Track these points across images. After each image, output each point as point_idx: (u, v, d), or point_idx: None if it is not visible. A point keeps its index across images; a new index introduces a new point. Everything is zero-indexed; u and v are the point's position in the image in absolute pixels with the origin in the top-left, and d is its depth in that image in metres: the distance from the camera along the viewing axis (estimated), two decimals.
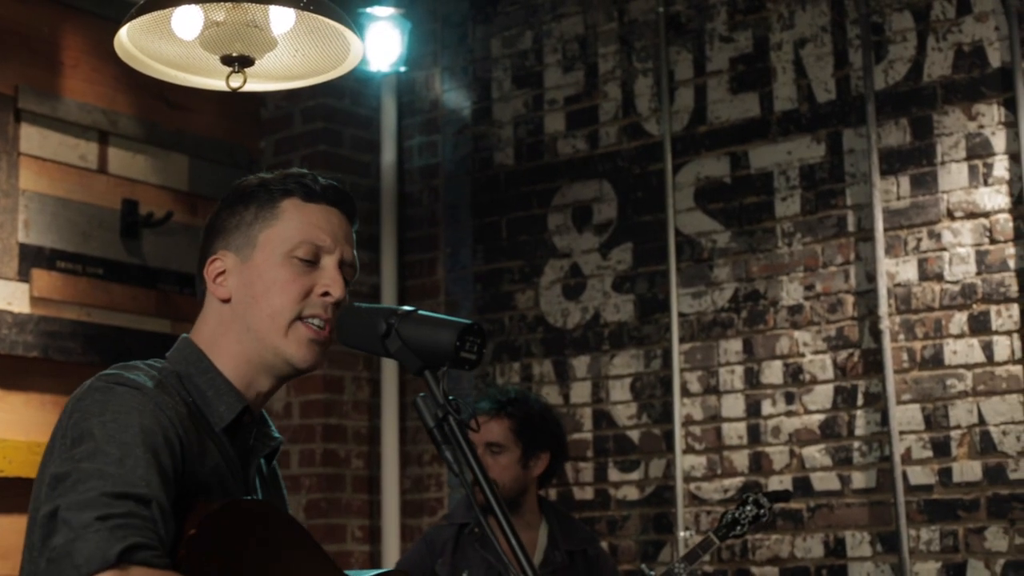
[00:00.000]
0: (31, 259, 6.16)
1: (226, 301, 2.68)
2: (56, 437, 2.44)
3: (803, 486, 6.03)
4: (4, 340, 5.95)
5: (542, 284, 6.85)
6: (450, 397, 2.49)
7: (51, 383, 6.16)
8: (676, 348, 6.38)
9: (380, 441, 7.07)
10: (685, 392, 6.37)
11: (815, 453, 6.03)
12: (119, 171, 6.59)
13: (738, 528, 5.14)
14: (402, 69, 6.93)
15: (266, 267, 2.66)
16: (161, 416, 2.44)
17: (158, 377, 2.53)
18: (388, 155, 7.27)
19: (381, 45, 6.79)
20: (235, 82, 3.91)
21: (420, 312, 2.56)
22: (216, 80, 4.04)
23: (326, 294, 2.66)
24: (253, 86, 4.01)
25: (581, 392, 6.67)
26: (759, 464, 6.15)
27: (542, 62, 7.04)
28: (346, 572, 2.70)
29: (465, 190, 7.20)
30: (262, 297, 2.64)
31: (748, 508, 5.15)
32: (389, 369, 7.06)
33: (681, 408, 6.35)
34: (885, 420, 5.83)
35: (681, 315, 6.42)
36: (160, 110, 6.78)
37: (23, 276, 6.13)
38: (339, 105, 7.26)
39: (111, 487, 2.27)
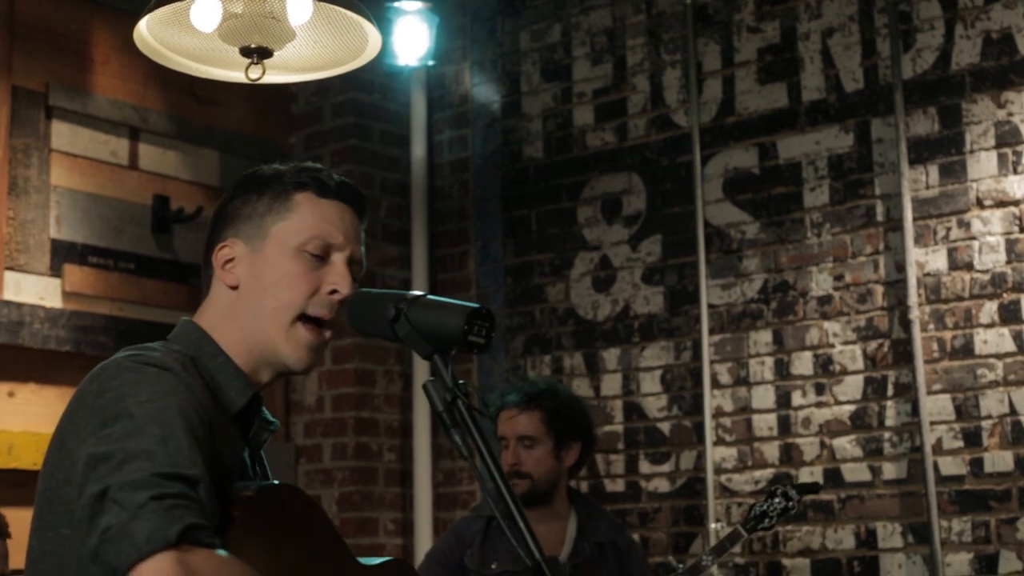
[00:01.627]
0: (63, 254, 6.21)
1: (234, 288, 2.68)
2: (78, 416, 2.42)
3: (834, 477, 6.01)
4: (37, 335, 5.99)
5: (572, 277, 6.85)
6: (460, 382, 2.49)
7: (83, 377, 6.18)
8: (706, 340, 6.37)
9: (412, 434, 7.09)
10: (715, 384, 6.36)
11: (846, 444, 6.01)
12: (150, 167, 6.63)
13: (766, 521, 5.12)
14: (430, 63, 6.95)
15: (277, 259, 2.66)
16: (192, 398, 2.43)
17: (180, 360, 2.52)
18: (418, 150, 7.28)
19: (409, 39, 6.80)
20: (254, 73, 3.93)
21: (428, 297, 2.56)
22: (236, 72, 4.06)
23: (334, 292, 2.66)
24: (272, 77, 4.03)
25: (611, 384, 6.67)
26: (789, 455, 6.14)
27: (570, 55, 7.04)
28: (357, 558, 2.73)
29: (495, 184, 7.21)
30: (271, 288, 2.64)
31: (776, 501, 5.13)
32: (421, 363, 7.06)
33: (711, 400, 6.34)
34: (916, 410, 5.80)
35: (711, 306, 6.41)
36: (190, 106, 6.81)
37: (55, 271, 6.17)
38: (369, 100, 7.28)
39: (160, 467, 2.25)
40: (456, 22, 7.35)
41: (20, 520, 4.72)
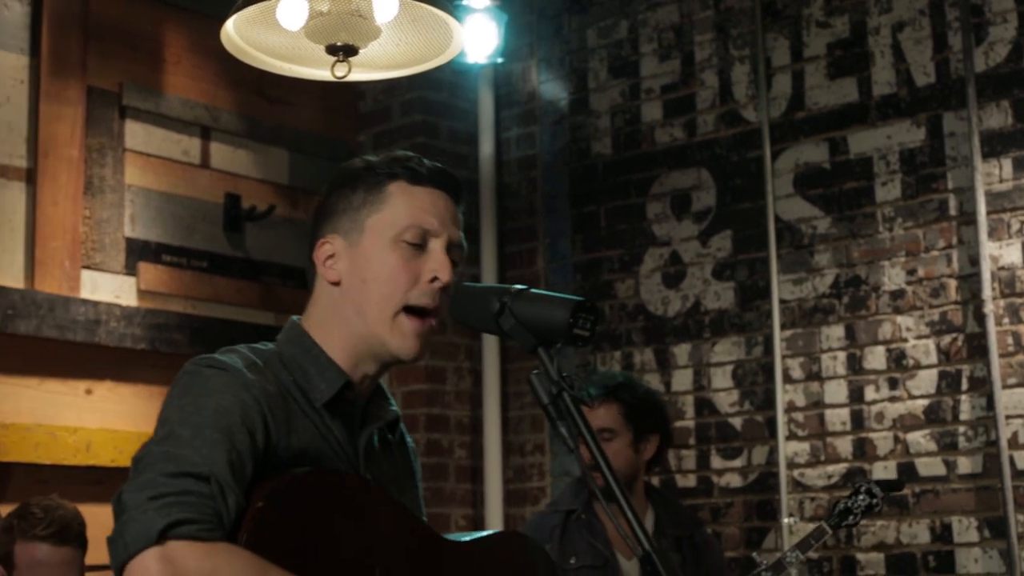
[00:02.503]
0: (138, 253, 6.26)
1: (336, 284, 2.69)
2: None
3: (908, 472, 5.99)
4: (113, 333, 6.04)
5: (642, 273, 6.85)
6: (564, 374, 2.50)
7: (159, 375, 6.24)
8: (777, 335, 6.36)
9: (483, 431, 7.10)
10: (787, 379, 6.35)
11: (920, 438, 6.00)
12: (221, 166, 6.67)
13: (851, 517, 5.12)
14: (499, 60, 6.96)
15: (374, 252, 2.66)
16: (244, 395, 2.46)
17: (252, 358, 2.56)
18: (486, 147, 7.30)
19: (478, 37, 6.82)
20: (340, 71, 3.97)
21: (532, 290, 2.57)
22: (320, 70, 4.10)
23: (434, 279, 2.66)
24: (357, 75, 4.06)
25: (682, 380, 6.67)
26: (863, 450, 6.12)
27: (638, 52, 7.05)
28: (447, 536, 2.73)
29: (563, 180, 7.22)
30: (372, 283, 2.65)
31: (861, 498, 5.13)
32: (491, 359, 7.09)
33: (783, 395, 6.33)
34: (991, 404, 5.78)
35: (782, 302, 6.40)
36: (260, 105, 6.85)
37: (130, 270, 6.22)
38: (437, 98, 7.30)
39: (171, 467, 2.33)
40: (523, 20, 7.36)
41: (98, 516, 4.77)
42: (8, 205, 5.87)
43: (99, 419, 6.02)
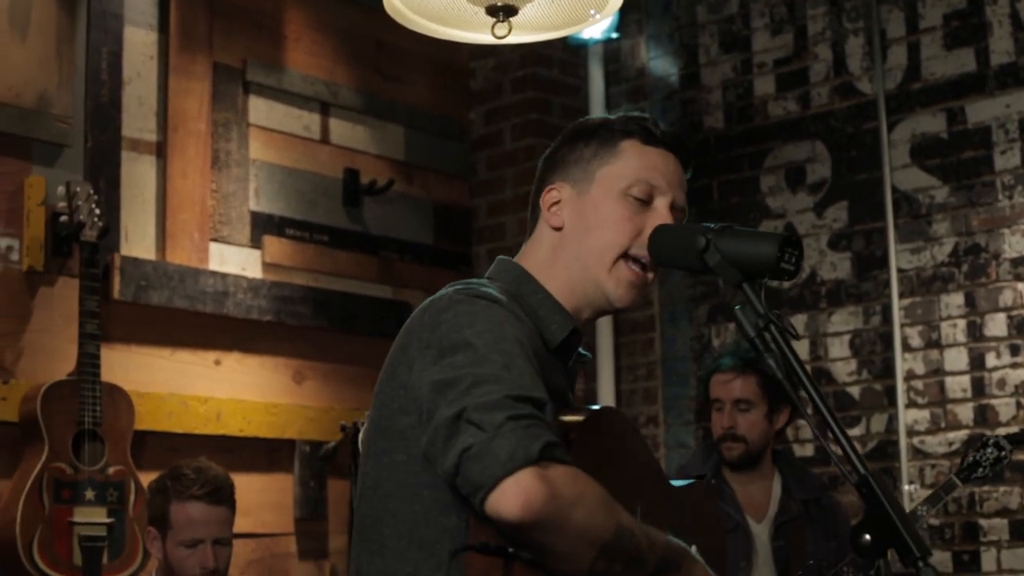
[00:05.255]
0: (262, 226, 6.35)
1: (558, 229, 2.76)
2: (412, 349, 2.52)
3: None
4: (240, 304, 6.13)
5: None
6: (773, 310, 2.56)
7: (284, 346, 6.34)
8: (896, 303, 6.39)
9: (597, 404, 7.15)
10: (906, 347, 6.37)
11: None
12: (340, 141, 6.75)
13: (980, 470, 5.15)
14: (614, 35, 7.00)
15: (602, 201, 2.73)
16: (523, 328, 2.53)
17: (505, 294, 2.62)
18: None
19: None
20: (500, 31, 4.03)
21: (736, 227, 2.63)
22: (478, 33, 4.17)
23: None
24: (516, 37, 4.13)
25: (799, 350, 6.62)
26: (984, 417, 6.14)
27: (749, 26, 7.08)
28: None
29: None
30: (595, 229, 2.72)
31: (989, 450, 5.16)
32: (604, 333, 7.14)
33: (903, 363, 6.36)
34: None
35: (900, 271, 6.43)
36: (376, 82, 6.93)
37: (255, 243, 6.31)
38: (548, 75, 7.34)
39: (510, 390, 2.33)
40: None
41: None
42: (140, 178, 5.97)
43: (228, 389, 6.12)
